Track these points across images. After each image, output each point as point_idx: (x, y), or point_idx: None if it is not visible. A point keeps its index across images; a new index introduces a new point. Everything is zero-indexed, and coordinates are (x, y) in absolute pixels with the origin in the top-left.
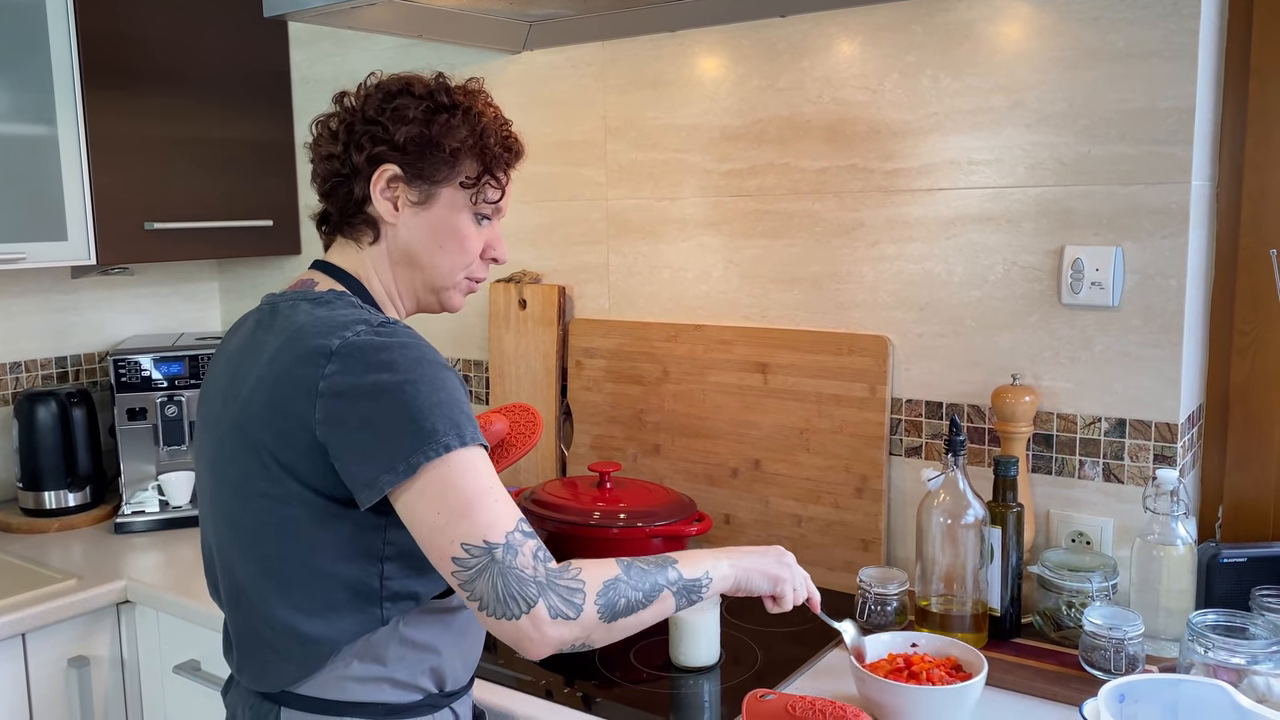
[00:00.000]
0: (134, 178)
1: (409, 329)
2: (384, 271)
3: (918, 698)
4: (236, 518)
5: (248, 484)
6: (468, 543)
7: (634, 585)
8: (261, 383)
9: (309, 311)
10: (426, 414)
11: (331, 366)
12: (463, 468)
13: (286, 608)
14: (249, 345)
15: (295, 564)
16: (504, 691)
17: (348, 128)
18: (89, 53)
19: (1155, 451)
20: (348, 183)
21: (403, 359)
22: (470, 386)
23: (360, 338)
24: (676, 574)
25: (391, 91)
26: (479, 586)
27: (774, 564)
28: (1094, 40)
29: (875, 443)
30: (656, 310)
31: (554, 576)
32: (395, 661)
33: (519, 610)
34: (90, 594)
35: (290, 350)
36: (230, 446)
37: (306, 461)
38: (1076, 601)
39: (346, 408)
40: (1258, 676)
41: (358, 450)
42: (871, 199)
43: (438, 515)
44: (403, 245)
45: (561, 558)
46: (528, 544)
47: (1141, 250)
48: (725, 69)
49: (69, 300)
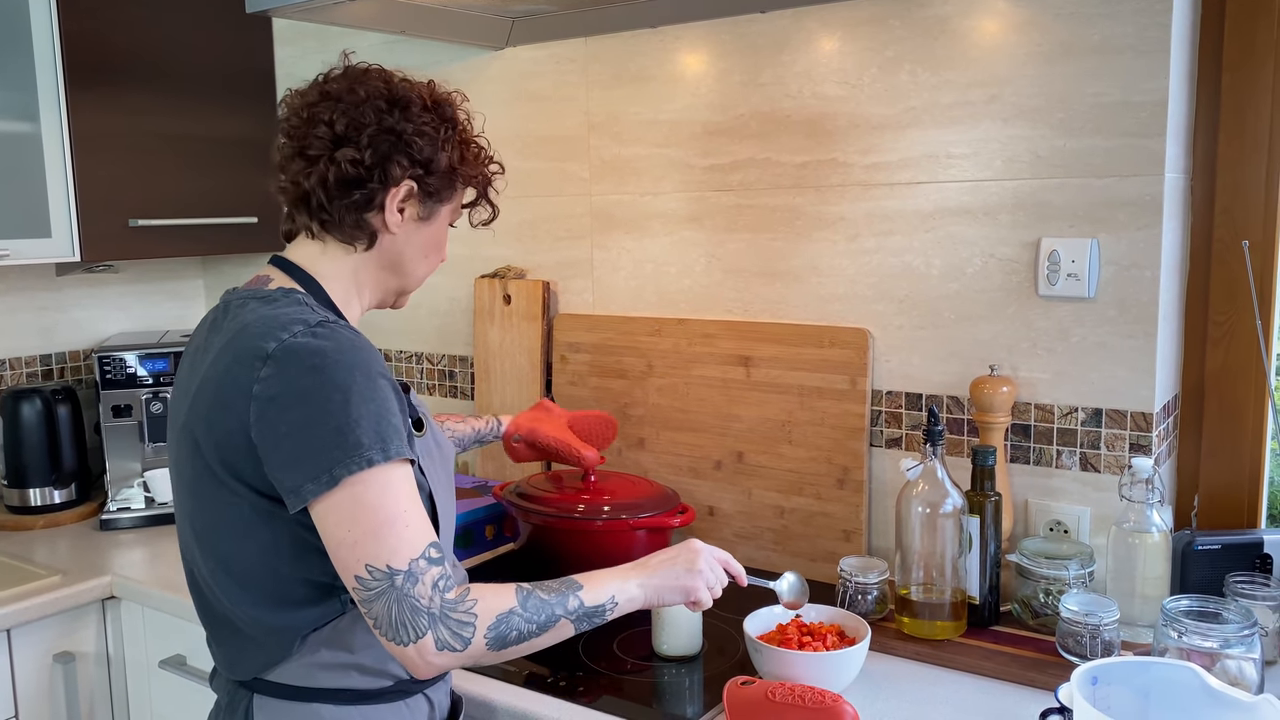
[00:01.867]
0: (118, 175)
1: (350, 331)
2: (365, 275)
3: (808, 663)
4: (194, 516)
5: (199, 484)
6: (372, 564)
7: (528, 618)
8: (206, 383)
9: (255, 310)
10: (354, 425)
11: (266, 369)
12: (381, 485)
13: (248, 602)
14: (203, 345)
15: (250, 561)
16: (486, 681)
17: (371, 137)
18: (72, 50)
19: (1131, 441)
20: (368, 191)
21: (335, 365)
22: (455, 382)
23: (297, 340)
24: (578, 602)
25: (413, 104)
26: (376, 608)
27: (683, 574)
28: (1069, 35)
29: (856, 434)
30: (640, 305)
31: (448, 609)
32: (363, 649)
33: (408, 638)
34: (75, 590)
35: (231, 351)
36: (183, 446)
37: (247, 463)
38: (1054, 589)
39: (277, 412)
40: (1230, 660)
41: (284, 456)
42: (851, 193)
43: (348, 533)
44: (395, 254)
45: (547, 552)
46: (430, 571)
47: (1117, 242)
48: (707, 64)
49: (53, 298)
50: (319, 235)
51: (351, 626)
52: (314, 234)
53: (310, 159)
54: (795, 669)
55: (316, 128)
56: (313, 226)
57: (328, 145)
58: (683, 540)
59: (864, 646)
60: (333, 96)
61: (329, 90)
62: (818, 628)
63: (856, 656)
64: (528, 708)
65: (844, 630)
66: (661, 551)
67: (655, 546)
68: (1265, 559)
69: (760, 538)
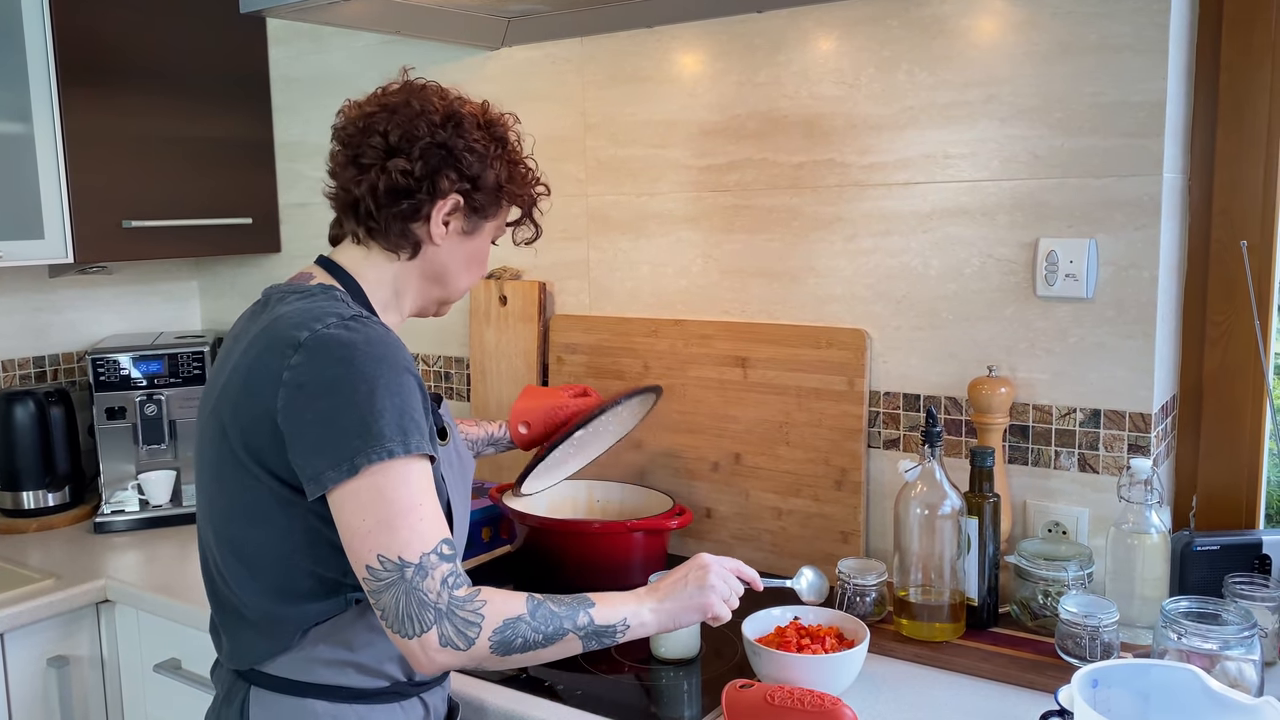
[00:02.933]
0: (112, 176)
1: (382, 326)
2: (407, 284)
3: (807, 666)
4: (214, 499)
5: (222, 468)
6: (384, 555)
7: (536, 627)
8: (237, 371)
9: (293, 303)
10: (377, 416)
11: (297, 358)
12: (399, 478)
13: (256, 589)
14: (238, 334)
15: (262, 548)
16: (482, 684)
17: (423, 150)
18: (65, 49)
19: (1130, 441)
20: (415, 201)
21: (364, 357)
22: (451, 384)
23: (329, 330)
24: (588, 619)
25: (465, 121)
26: (384, 599)
27: (695, 593)
28: (1066, 34)
29: (854, 435)
30: (637, 306)
31: (455, 606)
32: (363, 647)
33: (413, 631)
34: (69, 593)
35: (263, 339)
36: (210, 431)
37: (271, 449)
38: (1053, 590)
39: (304, 399)
40: (1230, 662)
41: (308, 442)
42: (848, 193)
43: (363, 522)
44: (438, 265)
45: (544, 555)
46: (441, 567)
47: (1115, 242)
48: (703, 65)
49: (47, 299)
50: (364, 241)
51: (353, 624)
52: (359, 239)
53: (362, 167)
54: (794, 672)
55: (371, 137)
56: (359, 232)
57: (380, 155)
58: (692, 554)
59: (863, 649)
60: (389, 108)
61: (386, 102)
62: (816, 630)
63: (856, 659)
64: (525, 712)
65: (843, 632)
66: (671, 572)
67: (652, 549)
68: (1264, 559)
69: (758, 540)
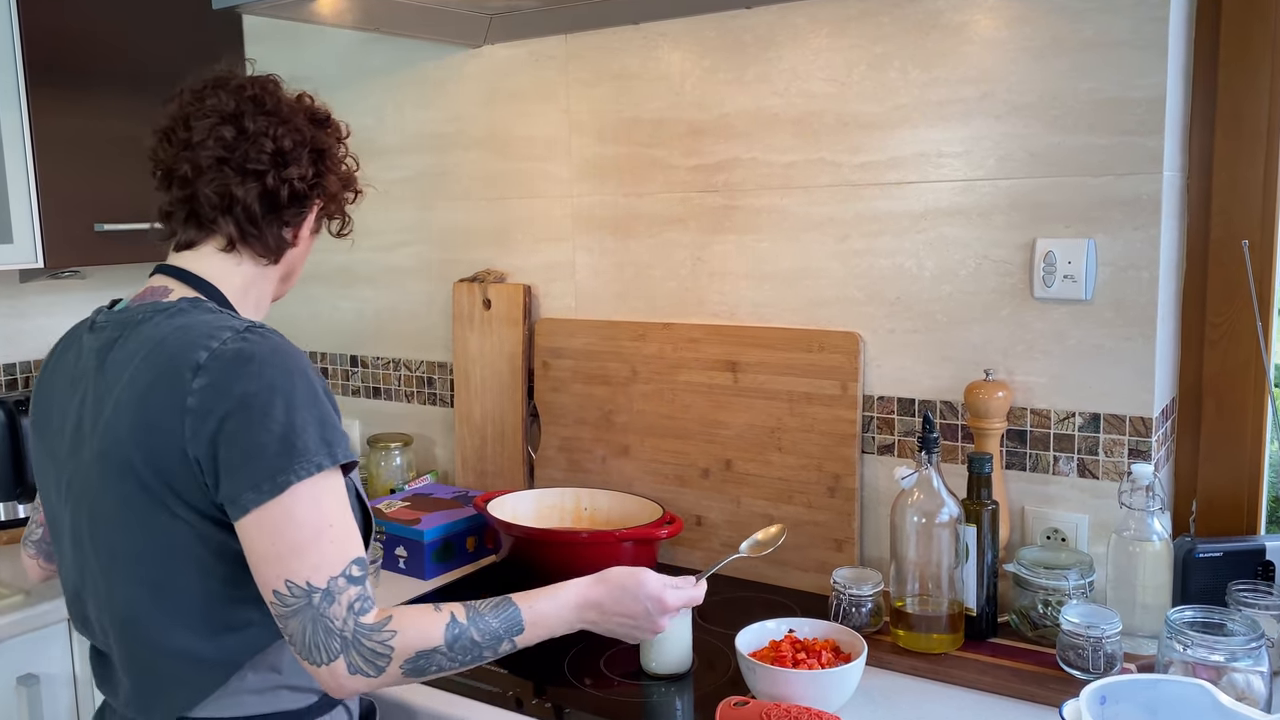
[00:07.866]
0: (83, 178)
1: (276, 334)
2: (265, 286)
3: (803, 682)
4: (117, 547)
5: (128, 510)
6: (292, 581)
7: (453, 658)
8: (123, 405)
9: (162, 324)
10: (299, 431)
11: (199, 380)
12: (310, 499)
13: (179, 632)
14: (101, 367)
15: (186, 586)
16: (468, 703)
17: (310, 156)
18: (33, 48)
19: (1130, 446)
20: (304, 209)
21: (273, 369)
22: (434, 389)
23: (228, 346)
24: (510, 646)
25: (322, 118)
26: (291, 625)
27: (633, 631)
28: (1063, 29)
29: (847, 441)
30: (624, 309)
31: (360, 634)
32: (291, 666)
33: (321, 659)
34: (40, 610)
35: (151, 367)
36: (101, 476)
37: (184, 479)
38: (1053, 599)
39: (216, 423)
40: (1237, 674)
41: (226, 466)
42: (840, 193)
43: (273, 546)
44: (291, 263)
45: (530, 564)
46: (348, 591)
47: (1113, 242)
48: (691, 62)
49: (16, 305)
50: (235, 247)
51: (281, 647)
52: (229, 246)
53: (249, 173)
54: (790, 688)
55: (259, 141)
56: (231, 237)
57: (272, 161)
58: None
59: (860, 663)
60: (261, 106)
61: (255, 96)
62: (812, 644)
63: (853, 674)
64: None
65: (839, 646)
66: (629, 586)
67: (641, 558)
68: (1267, 566)
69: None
